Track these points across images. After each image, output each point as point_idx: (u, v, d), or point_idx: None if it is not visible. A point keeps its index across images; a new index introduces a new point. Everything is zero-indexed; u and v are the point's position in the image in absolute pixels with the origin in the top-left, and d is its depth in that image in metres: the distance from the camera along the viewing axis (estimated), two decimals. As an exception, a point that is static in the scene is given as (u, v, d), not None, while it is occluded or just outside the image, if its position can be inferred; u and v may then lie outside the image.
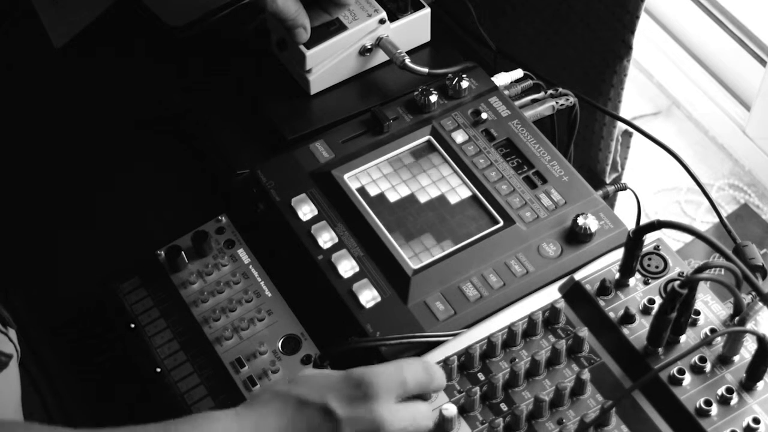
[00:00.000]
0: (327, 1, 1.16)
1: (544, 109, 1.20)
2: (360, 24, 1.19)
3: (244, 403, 0.86)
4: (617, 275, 0.99)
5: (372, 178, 1.12)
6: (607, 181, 1.40)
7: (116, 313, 1.09)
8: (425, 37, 1.26)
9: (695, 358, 0.93)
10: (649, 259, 1.00)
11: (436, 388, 0.91)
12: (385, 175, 1.12)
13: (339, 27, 1.18)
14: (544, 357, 0.95)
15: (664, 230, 0.93)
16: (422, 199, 1.10)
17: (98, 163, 1.26)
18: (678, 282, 0.88)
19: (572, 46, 1.32)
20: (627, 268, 0.98)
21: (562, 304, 0.99)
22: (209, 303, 1.07)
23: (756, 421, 0.90)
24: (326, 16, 1.18)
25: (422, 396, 0.91)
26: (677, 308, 0.91)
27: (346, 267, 1.04)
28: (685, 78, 1.71)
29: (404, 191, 1.11)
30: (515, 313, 0.99)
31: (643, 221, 1.00)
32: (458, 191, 1.10)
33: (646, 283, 0.99)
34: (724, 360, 0.94)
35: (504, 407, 0.94)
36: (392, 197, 1.10)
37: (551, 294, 1.01)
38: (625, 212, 1.26)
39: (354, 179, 1.11)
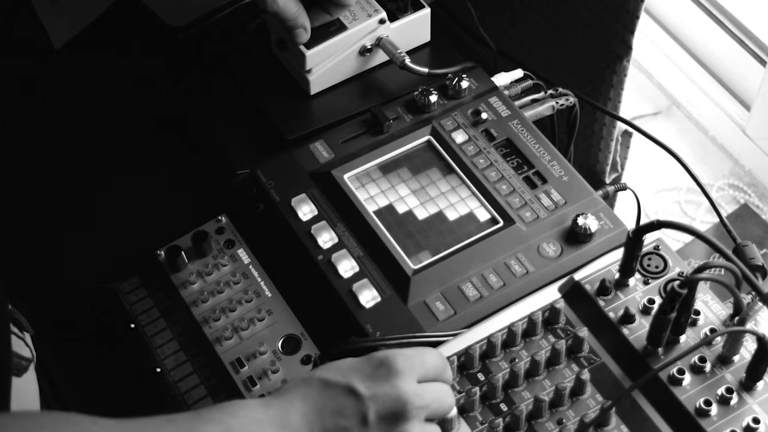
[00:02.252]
0: (328, 1, 1.16)
1: (544, 109, 1.20)
2: (360, 24, 1.19)
3: (274, 392, 0.87)
4: (617, 275, 0.99)
5: (372, 178, 1.12)
6: (607, 181, 1.40)
7: (116, 313, 1.09)
8: (425, 37, 1.26)
9: (695, 358, 0.93)
10: (649, 259, 1.00)
11: (447, 378, 0.91)
12: (385, 174, 1.12)
13: (339, 27, 1.18)
14: (543, 357, 0.95)
15: (664, 230, 0.93)
16: (422, 198, 1.10)
17: (98, 163, 1.26)
18: (678, 282, 0.88)
19: (572, 46, 1.32)
20: (627, 268, 0.98)
21: (561, 304, 0.99)
22: (209, 303, 1.07)
23: (756, 421, 0.90)
24: (327, 17, 1.18)
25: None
26: (677, 308, 0.91)
27: (346, 267, 1.04)
28: (685, 78, 1.71)
29: (404, 191, 1.11)
30: (515, 313, 0.99)
31: (643, 221, 1.00)
32: (458, 191, 1.10)
33: (646, 283, 0.99)
34: (723, 360, 0.94)
35: (504, 407, 0.94)
36: (392, 197, 1.10)
37: (551, 294, 1.01)
38: (625, 212, 1.26)
39: (354, 179, 1.11)
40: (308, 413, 0.83)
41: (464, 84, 1.16)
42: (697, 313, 0.96)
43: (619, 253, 0.99)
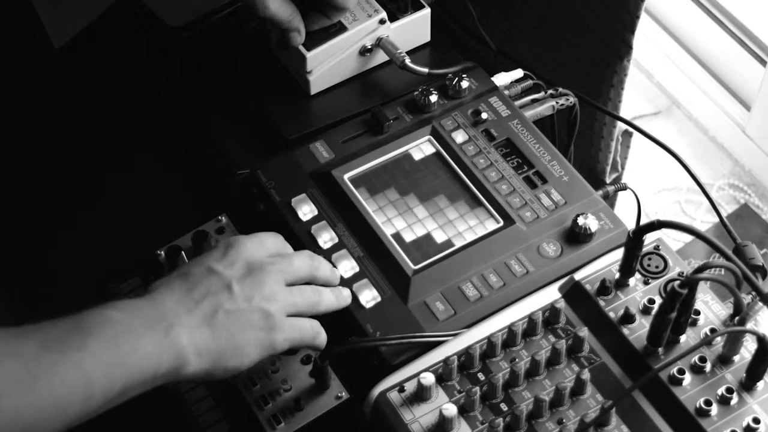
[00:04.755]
0: (326, 5, 1.16)
1: (544, 109, 1.20)
2: (360, 24, 1.19)
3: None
4: (617, 275, 0.99)
5: (372, 178, 1.12)
6: (607, 181, 1.40)
7: (116, 313, 1.09)
8: (425, 37, 1.26)
9: (695, 358, 0.93)
10: (649, 259, 1.00)
11: (323, 276, 1.00)
12: (385, 174, 1.12)
13: (339, 28, 1.18)
14: (544, 357, 0.95)
15: (664, 230, 0.93)
16: (422, 198, 1.10)
17: (98, 163, 1.26)
18: (678, 282, 0.88)
19: (572, 46, 1.32)
20: (627, 268, 0.98)
21: (562, 304, 0.99)
22: (209, 303, 1.07)
23: (756, 421, 0.90)
24: (326, 20, 1.17)
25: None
26: (677, 308, 0.91)
27: (346, 267, 1.04)
28: (685, 78, 1.71)
29: (404, 191, 1.11)
30: (515, 313, 0.99)
31: (643, 221, 1.00)
32: (458, 191, 1.10)
33: (646, 283, 0.99)
34: (724, 360, 0.94)
35: (504, 407, 0.94)
36: (392, 197, 1.10)
37: (551, 294, 1.01)
38: (625, 212, 1.26)
39: (354, 179, 1.11)
40: (179, 298, 0.89)
41: (464, 84, 1.16)
42: (698, 313, 0.96)
43: (619, 253, 0.99)
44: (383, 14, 1.20)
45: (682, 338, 0.95)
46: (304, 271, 0.98)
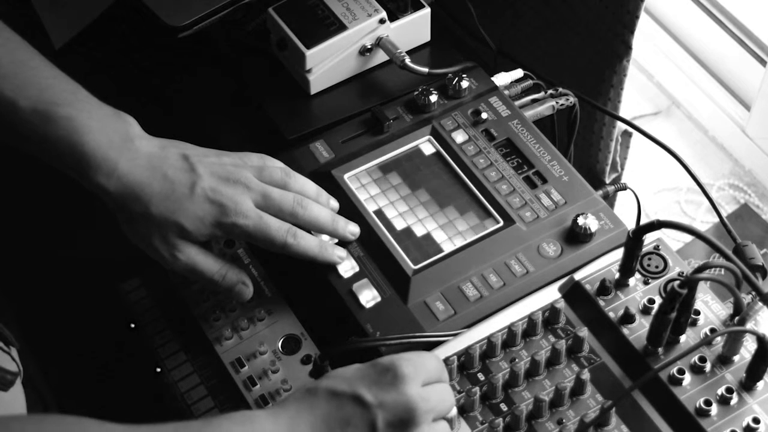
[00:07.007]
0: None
1: (544, 109, 1.20)
2: (360, 24, 1.19)
3: (279, 403, 0.87)
4: (617, 275, 0.99)
5: (372, 178, 1.12)
6: (607, 181, 1.40)
7: (116, 313, 1.09)
8: (425, 37, 1.26)
9: (695, 358, 0.93)
10: (649, 259, 1.00)
11: (446, 378, 0.91)
12: (385, 175, 1.12)
13: (339, 27, 1.18)
14: (544, 357, 0.95)
15: (664, 230, 0.93)
16: (422, 198, 1.10)
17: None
18: (678, 282, 0.88)
19: (572, 46, 1.32)
20: (627, 268, 0.98)
21: (562, 304, 0.99)
22: (209, 303, 1.07)
23: (756, 421, 0.90)
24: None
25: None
26: (677, 308, 0.91)
27: (346, 267, 1.04)
28: (685, 78, 1.71)
29: (404, 191, 1.11)
30: (515, 313, 0.99)
31: (643, 221, 1.00)
32: (458, 191, 1.10)
33: (646, 283, 0.99)
34: (724, 360, 0.94)
35: (504, 407, 0.94)
36: (392, 197, 1.10)
37: (551, 294, 1.01)
38: (625, 212, 1.27)
39: (354, 179, 1.11)
40: (316, 424, 0.84)
41: (464, 84, 1.16)
42: (697, 313, 0.96)
43: (619, 253, 0.99)
44: (383, 14, 1.20)
45: (682, 338, 0.95)
46: (450, 407, 0.90)
